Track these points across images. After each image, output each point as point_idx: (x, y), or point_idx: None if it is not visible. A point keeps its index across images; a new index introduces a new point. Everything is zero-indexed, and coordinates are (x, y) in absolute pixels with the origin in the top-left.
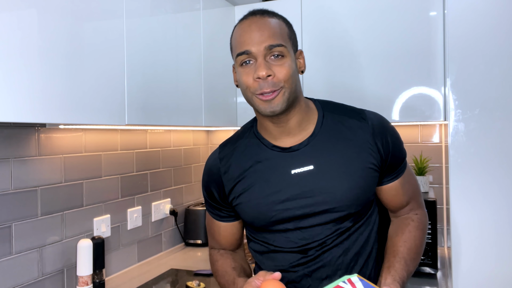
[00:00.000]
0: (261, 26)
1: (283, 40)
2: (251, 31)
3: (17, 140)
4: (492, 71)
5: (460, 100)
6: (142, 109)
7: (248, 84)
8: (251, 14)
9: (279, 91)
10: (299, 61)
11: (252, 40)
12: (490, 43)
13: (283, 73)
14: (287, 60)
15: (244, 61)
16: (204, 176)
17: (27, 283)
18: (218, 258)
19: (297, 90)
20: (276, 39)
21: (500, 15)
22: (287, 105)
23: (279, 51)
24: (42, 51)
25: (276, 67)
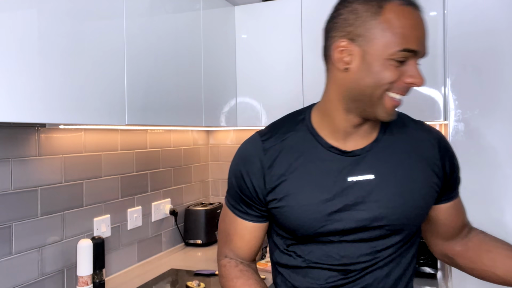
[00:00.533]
0: (423, 26)
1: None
2: (420, 29)
3: (17, 140)
4: (492, 71)
5: (460, 100)
6: (142, 109)
7: (391, 79)
8: (411, 4)
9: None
10: None
11: (421, 39)
12: (490, 43)
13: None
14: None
15: (404, 57)
16: (239, 165)
17: (27, 283)
18: (237, 275)
19: None
20: (427, 45)
21: (500, 15)
22: None
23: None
24: (42, 51)
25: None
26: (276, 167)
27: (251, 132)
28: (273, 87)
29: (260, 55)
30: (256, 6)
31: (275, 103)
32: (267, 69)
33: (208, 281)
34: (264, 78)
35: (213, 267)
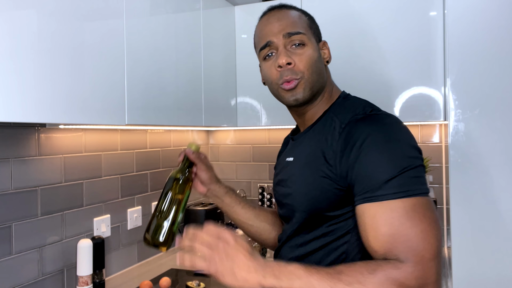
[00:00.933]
0: (279, 16)
1: (302, 28)
2: (270, 23)
3: (17, 140)
4: (492, 71)
5: (460, 100)
6: (142, 109)
7: (272, 75)
8: (269, 10)
9: (299, 81)
10: (323, 52)
11: (272, 31)
12: (490, 43)
13: (304, 61)
14: (308, 49)
15: (267, 54)
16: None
17: (27, 283)
18: None
19: (320, 80)
20: (294, 27)
21: (500, 15)
22: (310, 95)
23: (299, 39)
24: (42, 51)
25: (296, 56)
26: None
27: (251, 132)
28: None
29: None
30: (256, 6)
31: (275, 103)
32: None
33: (208, 281)
34: None
35: None
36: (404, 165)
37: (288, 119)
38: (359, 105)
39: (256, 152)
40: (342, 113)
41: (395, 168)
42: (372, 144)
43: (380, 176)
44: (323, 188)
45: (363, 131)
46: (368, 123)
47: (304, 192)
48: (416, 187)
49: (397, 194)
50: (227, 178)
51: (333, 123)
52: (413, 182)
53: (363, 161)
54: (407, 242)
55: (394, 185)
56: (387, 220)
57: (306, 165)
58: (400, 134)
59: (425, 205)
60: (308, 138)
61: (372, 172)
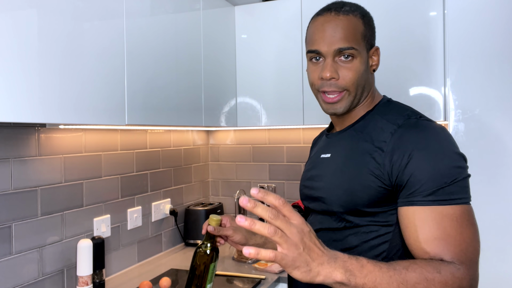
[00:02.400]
0: (334, 26)
1: (354, 41)
2: (324, 30)
3: (17, 140)
4: (492, 71)
5: (460, 100)
6: (142, 109)
7: (314, 80)
8: (327, 10)
9: (342, 95)
10: (372, 59)
11: (324, 40)
12: (490, 43)
13: (349, 77)
14: (356, 62)
15: (314, 57)
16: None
17: (27, 283)
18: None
19: (364, 91)
20: (347, 41)
21: (500, 15)
22: (350, 108)
23: (349, 53)
24: (42, 51)
25: (344, 70)
26: None
27: (251, 132)
28: (273, 87)
29: (260, 55)
30: (256, 6)
31: (275, 103)
32: (267, 69)
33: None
34: (264, 78)
35: None
36: (456, 175)
37: (288, 119)
38: (407, 109)
39: (256, 152)
40: (389, 115)
41: (448, 177)
42: (429, 151)
43: (433, 182)
44: (366, 184)
45: (419, 136)
46: (423, 129)
47: (344, 186)
48: (464, 196)
49: (448, 201)
50: (227, 178)
51: (379, 123)
52: (462, 191)
53: (418, 166)
54: (460, 246)
55: (446, 193)
56: (440, 224)
57: (349, 161)
58: (452, 145)
59: (471, 212)
60: (348, 136)
61: (427, 177)
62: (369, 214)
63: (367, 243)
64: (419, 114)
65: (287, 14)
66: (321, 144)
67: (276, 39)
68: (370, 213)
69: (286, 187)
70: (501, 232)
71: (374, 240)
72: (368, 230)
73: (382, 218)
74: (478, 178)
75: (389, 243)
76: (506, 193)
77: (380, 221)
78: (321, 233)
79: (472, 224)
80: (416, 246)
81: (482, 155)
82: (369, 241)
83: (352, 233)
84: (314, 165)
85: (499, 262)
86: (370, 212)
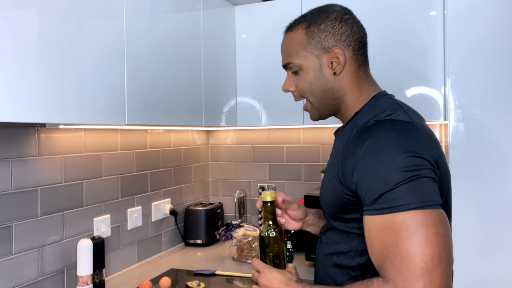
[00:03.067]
0: (282, 45)
1: (294, 55)
2: (280, 49)
3: (17, 140)
4: (492, 71)
5: (460, 100)
6: (142, 109)
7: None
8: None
9: (308, 104)
10: (333, 62)
11: (282, 55)
12: (490, 43)
13: (300, 87)
14: (303, 73)
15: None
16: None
17: (27, 283)
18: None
19: (328, 96)
20: (287, 57)
21: (500, 15)
22: (324, 113)
23: (291, 68)
24: (43, 51)
25: (296, 81)
26: None
27: (251, 132)
28: (273, 87)
29: (260, 55)
30: (256, 6)
31: (275, 103)
32: (267, 69)
33: (208, 281)
34: (264, 78)
35: (213, 267)
36: (397, 179)
37: (288, 119)
38: (382, 108)
39: (256, 152)
40: (365, 115)
41: (388, 182)
42: (370, 157)
43: (375, 190)
44: (336, 192)
45: (366, 138)
46: (372, 132)
47: (324, 195)
48: (408, 202)
49: (390, 209)
50: (227, 178)
51: (355, 125)
52: (406, 196)
53: (361, 174)
54: (393, 260)
55: (387, 200)
56: (379, 235)
57: (329, 168)
58: (399, 145)
59: (415, 220)
60: (337, 140)
61: (368, 186)
62: (350, 220)
63: (358, 248)
64: (392, 113)
65: (287, 14)
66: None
67: (276, 39)
68: (350, 219)
69: (286, 187)
70: (500, 231)
71: (363, 245)
72: (358, 234)
73: (356, 224)
74: (477, 178)
75: None
76: (506, 193)
77: (354, 226)
78: (327, 234)
79: (415, 233)
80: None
81: (482, 155)
82: (359, 246)
83: (346, 237)
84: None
85: (497, 262)
86: (350, 219)
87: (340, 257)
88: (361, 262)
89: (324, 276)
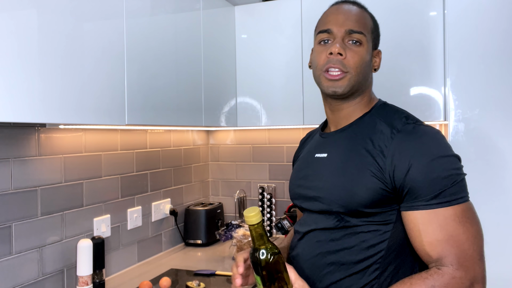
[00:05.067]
0: (348, 11)
1: (365, 29)
2: (338, 13)
3: (17, 140)
4: (492, 71)
5: (460, 100)
6: (142, 109)
7: (320, 60)
8: (342, 2)
9: (345, 75)
10: (375, 60)
11: (337, 21)
12: (490, 43)
13: (355, 59)
14: (363, 49)
15: (323, 39)
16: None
17: (27, 283)
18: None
19: (363, 82)
20: (358, 26)
21: (500, 15)
22: (349, 91)
23: (358, 38)
24: (42, 51)
25: (350, 52)
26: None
27: (251, 132)
28: (273, 87)
29: (260, 55)
30: (256, 6)
31: (275, 103)
32: (267, 69)
33: (208, 281)
34: (264, 78)
35: (213, 267)
36: (455, 177)
37: (288, 119)
38: (402, 113)
39: (256, 152)
40: (387, 118)
41: (448, 179)
42: (428, 157)
43: (435, 187)
44: (369, 185)
45: (417, 142)
46: (420, 135)
47: (346, 187)
48: (463, 195)
49: (450, 203)
50: (227, 178)
51: (377, 125)
52: (461, 190)
53: (419, 172)
54: (461, 247)
55: (447, 195)
56: (443, 227)
57: (349, 161)
58: (448, 148)
59: (471, 209)
60: (347, 136)
61: (428, 183)
62: (369, 215)
63: (365, 242)
64: (415, 118)
65: (287, 14)
66: (314, 143)
67: (276, 39)
68: (370, 214)
69: (286, 187)
70: (500, 231)
71: (373, 239)
72: (367, 229)
73: (381, 218)
74: (477, 178)
75: (387, 241)
76: (506, 193)
77: (379, 220)
78: (317, 233)
79: (473, 220)
80: (421, 249)
81: (482, 155)
82: (367, 241)
83: (350, 232)
84: (307, 164)
85: (497, 262)
86: (370, 213)
87: (340, 254)
88: (368, 255)
89: (316, 275)
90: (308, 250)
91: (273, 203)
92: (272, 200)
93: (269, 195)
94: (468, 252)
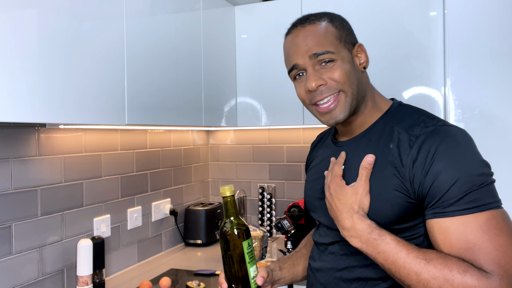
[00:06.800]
0: (305, 35)
1: (330, 44)
2: (294, 44)
3: (17, 140)
4: (492, 71)
5: (460, 100)
6: (142, 109)
7: (302, 96)
8: (293, 27)
9: (339, 96)
10: (358, 57)
11: (297, 52)
12: (490, 43)
13: (336, 76)
14: (339, 62)
15: (296, 75)
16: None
17: (27, 283)
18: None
19: (360, 91)
20: (321, 46)
21: (500, 15)
22: (350, 110)
23: (327, 58)
24: (43, 51)
25: (328, 72)
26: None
27: (251, 132)
28: (273, 87)
29: (260, 55)
30: (256, 6)
31: (275, 103)
32: (267, 69)
33: (208, 281)
34: (264, 78)
35: (213, 267)
36: (477, 183)
37: (288, 119)
38: (422, 114)
39: (256, 152)
40: (405, 123)
41: (470, 185)
42: (446, 159)
43: (453, 192)
44: (394, 201)
45: (437, 145)
46: (442, 136)
47: (369, 206)
48: (489, 201)
49: (472, 210)
50: (227, 178)
51: (395, 132)
52: (486, 196)
53: (437, 176)
54: (488, 255)
55: (467, 201)
56: (461, 235)
57: (371, 175)
58: (473, 150)
59: (500, 217)
60: (363, 145)
61: (446, 187)
62: (397, 231)
63: None
64: (435, 118)
65: (287, 14)
66: (328, 152)
67: (276, 39)
68: (397, 230)
69: (286, 187)
70: None
71: None
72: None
73: (409, 232)
74: None
75: None
76: (506, 194)
77: (407, 235)
78: (342, 245)
79: (502, 229)
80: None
81: (482, 155)
82: None
83: None
84: (322, 174)
85: None
86: (397, 229)
87: (368, 269)
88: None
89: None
90: (333, 263)
91: (273, 203)
92: (272, 200)
93: (269, 195)
94: (500, 262)
